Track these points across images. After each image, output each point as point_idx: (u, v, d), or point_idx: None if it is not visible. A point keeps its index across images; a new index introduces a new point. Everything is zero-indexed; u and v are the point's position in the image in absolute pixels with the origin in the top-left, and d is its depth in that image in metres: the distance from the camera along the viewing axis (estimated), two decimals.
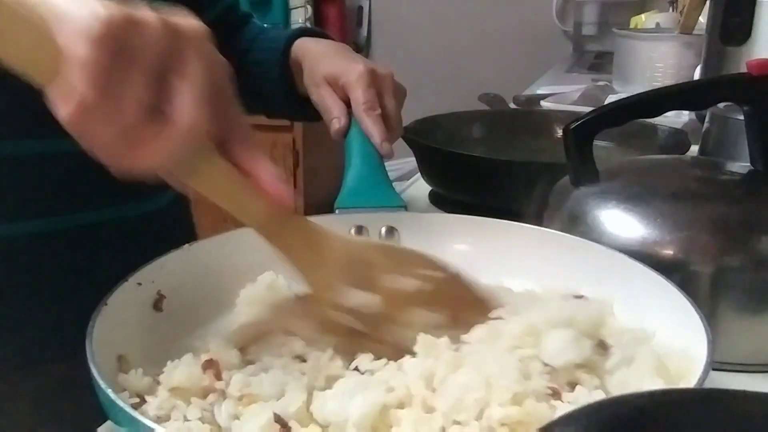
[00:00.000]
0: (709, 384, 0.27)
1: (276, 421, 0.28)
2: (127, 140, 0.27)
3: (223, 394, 0.30)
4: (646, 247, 0.40)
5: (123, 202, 0.53)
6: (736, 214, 0.41)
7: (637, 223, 0.41)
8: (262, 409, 0.28)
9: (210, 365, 0.31)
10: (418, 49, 2.09)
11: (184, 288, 0.38)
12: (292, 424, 0.28)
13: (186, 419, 0.29)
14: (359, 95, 0.53)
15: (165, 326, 0.37)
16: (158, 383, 0.31)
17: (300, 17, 1.97)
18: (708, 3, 0.53)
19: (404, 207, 0.47)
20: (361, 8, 2.17)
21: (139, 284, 0.36)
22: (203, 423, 0.29)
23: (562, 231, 0.42)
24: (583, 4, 1.79)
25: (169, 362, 0.32)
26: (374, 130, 0.52)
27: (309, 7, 1.98)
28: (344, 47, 0.60)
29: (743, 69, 0.44)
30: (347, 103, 0.55)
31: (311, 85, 0.57)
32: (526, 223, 0.44)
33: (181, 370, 0.31)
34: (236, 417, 0.29)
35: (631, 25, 1.40)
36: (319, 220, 0.46)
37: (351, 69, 0.54)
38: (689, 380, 0.28)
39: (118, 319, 0.33)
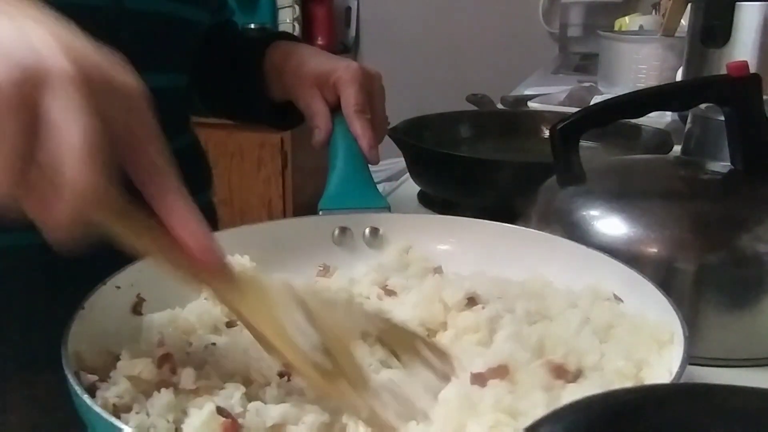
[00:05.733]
0: (691, 379, 0.28)
1: (219, 413, 0.27)
2: (29, 200, 0.24)
3: (177, 389, 0.30)
4: (631, 245, 0.40)
5: None
6: (718, 213, 0.42)
7: (622, 222, 0.42)
8: (205, 403, 0.28)
9: (165, 359, 0.31)
10: (406, 49, 2.10)
11: (164, 291, 0.36)
12: (237, 415, 0.28)
13: (148, 413, 0.29)
14: (350, 95, 0.52)
15: (142, 330, 0.35)
16: (114, 368, 0.31)
17: (288, 17, 1.97)
18: (689, 6, 0.54)
19: (388, 208, 0.47)
20: (349, 8, 2.17)
21: (118, 287, 0.35)
22: (168, 422, 0.28)
23: (549, 230, 0.43)
24: (569, 6, 1.81)
25: (124, 351, 0.31)
26: (364, 134, 0.51)
27: (297, 7, 1.98)
28: (323, 51, 0.58)
29: (723, 70, 0.44)
30: (333, 105, 0.53)
31: (296, 86, 0.55)
32: (513, 223, 0.44)
33: (140, 361, 0.31)
34: (184, 412, 0.29)
35: (615, 28, 1.41)
36: (303, 222, 0.46)
37: (343, 66, 0.53)
38: (667, 374, 0.29)
39: (96, 323, 0.33)
